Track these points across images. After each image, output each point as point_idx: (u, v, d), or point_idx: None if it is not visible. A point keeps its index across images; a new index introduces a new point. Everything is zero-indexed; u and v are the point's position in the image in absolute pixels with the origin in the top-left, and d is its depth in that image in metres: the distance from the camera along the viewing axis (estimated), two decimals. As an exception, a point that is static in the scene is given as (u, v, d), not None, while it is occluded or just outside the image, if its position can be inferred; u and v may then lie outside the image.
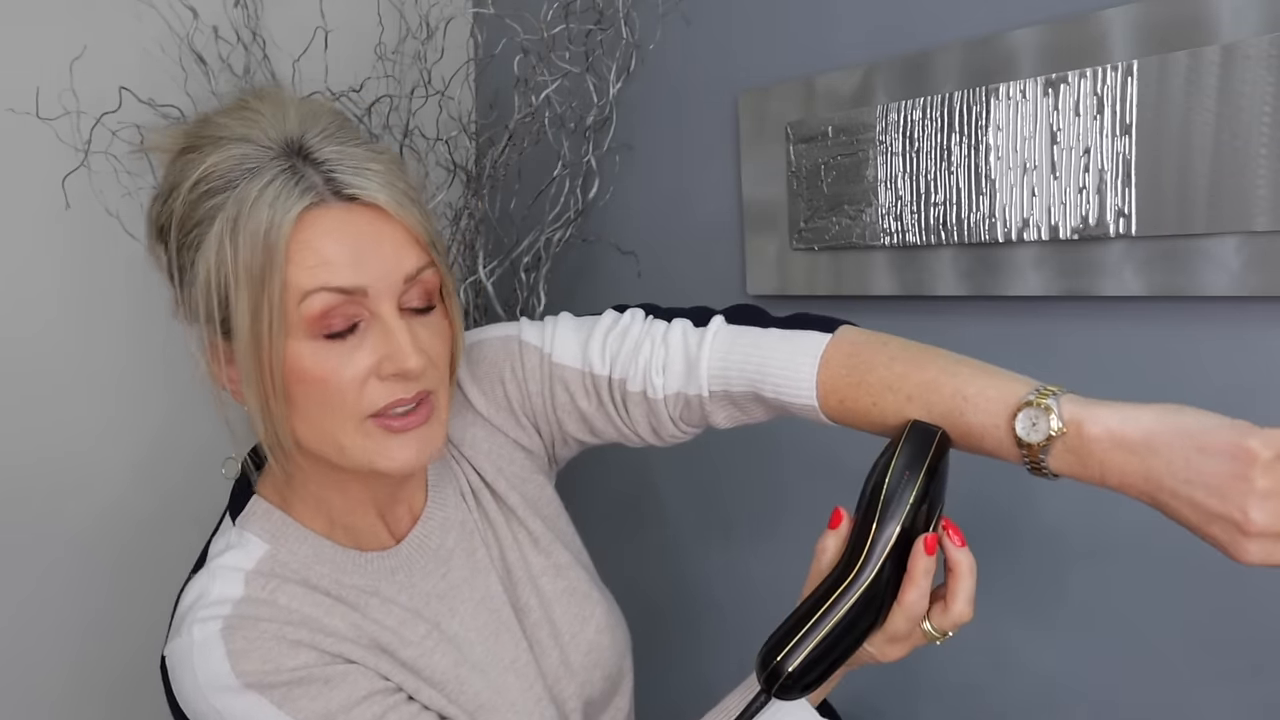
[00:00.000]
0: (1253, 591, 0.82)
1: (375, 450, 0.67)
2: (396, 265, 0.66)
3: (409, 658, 0.72)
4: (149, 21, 1.24)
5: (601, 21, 1.25)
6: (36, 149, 1.15)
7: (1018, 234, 0.89)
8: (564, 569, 0.82)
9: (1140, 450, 0.54)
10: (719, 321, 0.74)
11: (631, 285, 1.35)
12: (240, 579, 0.69)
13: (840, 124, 1.02)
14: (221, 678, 0.64)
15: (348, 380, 0.65)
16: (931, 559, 0.61)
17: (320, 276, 0.63)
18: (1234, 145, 0.75)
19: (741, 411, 0.74)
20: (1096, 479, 0.57)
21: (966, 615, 0.63)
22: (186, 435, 1.30)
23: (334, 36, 1.32)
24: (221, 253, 0.63)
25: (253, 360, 0.64)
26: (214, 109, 0.70)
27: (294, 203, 0.63)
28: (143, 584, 1.24)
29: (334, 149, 0.65)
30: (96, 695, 1.28)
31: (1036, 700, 0.98)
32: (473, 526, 0.79)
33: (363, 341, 0.65)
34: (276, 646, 0.66)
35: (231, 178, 0.64)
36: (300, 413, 0.66)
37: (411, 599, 0.75)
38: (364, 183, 0.65)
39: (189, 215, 0.65)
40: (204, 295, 0.64)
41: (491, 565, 0.79)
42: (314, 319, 0.64)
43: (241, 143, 0.65)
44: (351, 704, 0.67)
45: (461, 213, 1.37)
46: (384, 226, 0.66)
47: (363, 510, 0.75)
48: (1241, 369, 0.80)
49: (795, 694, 0.62)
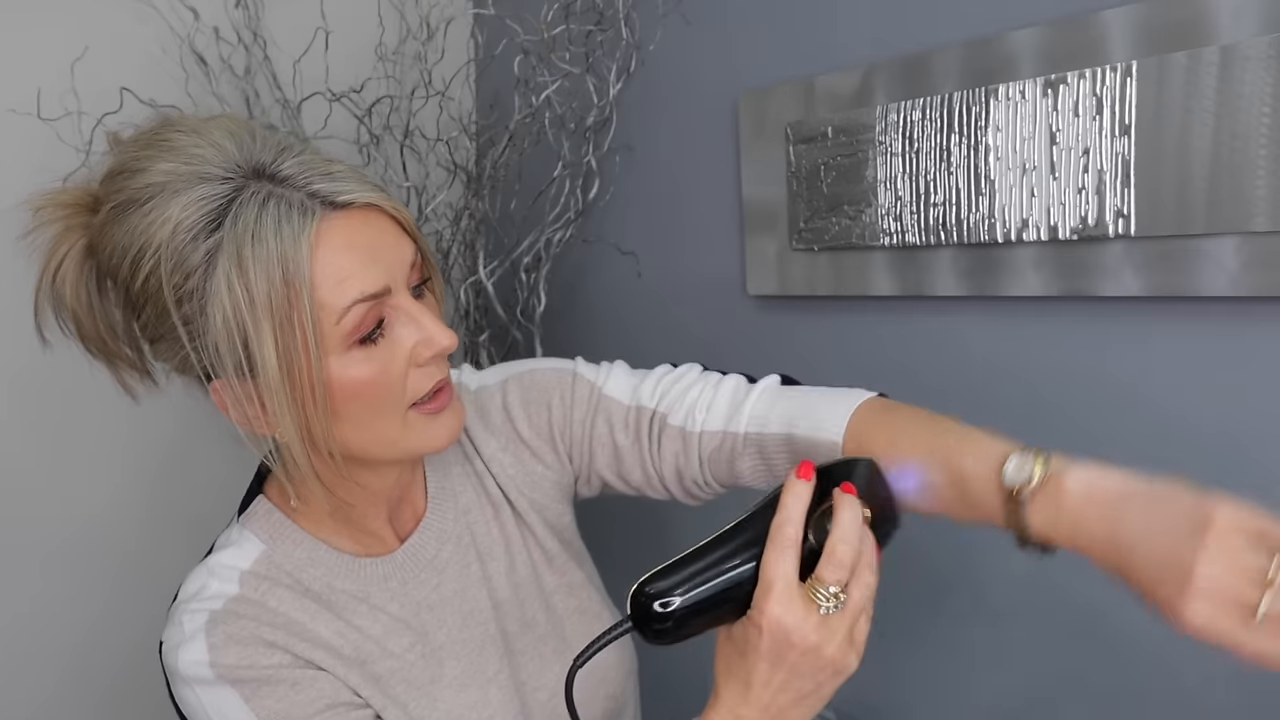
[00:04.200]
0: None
1: (421, 436, 0.69)
2: (401, 257, 0.67)
3: (384, 671, 0.73)
4: (150, 22, 1.25)
5: (602, 22, 1.25)
6: (38, 149, 1.15)
7: (1017, 234, 0.89)
8: (576, 588, 0.84)
9: (1109, 505, 0.56)
10: (772, 378, 0.78)
11: (631, 285, 1.35)
12: (236, 577, 0.71)
13: (840, 124, 1.02)
14: (199, 667, 0.66)
15: (395, 376, 0.66)
16: (796, 489, 0.61)
17: (350, 291, 0.63)
18: (1233, 146, 0.75)
19: (765, 464, 0.76)
20: (1067, 535, 0.58)
21: (843, 553, 0.59)
22: (190, 436, 1.30)
23: (334, 37, 1.32)
24: (234, 293, 0.61)
25: (286, 389, 0.63)
26: (118, 164, 0.65)
27: (299, 226, 0.62)
28: (143, 584, 1.24)
29: (292, 162, 0.64)
30: (96, 693, 1.28)
31: (1036, 700, 0.98)
32: (469, 542, 0.80)
33: (392, 337, 0.66)
34: (253, 645, 0.67)
35: (211, 217, 0.61)
36: (349, 421, 0.66)
37: (402, 608, 0.75)
38: (344, 186, 0.64)
39: (179, 267, 0.62)
40: (226, 341, 0.62)
41: (484, 581, 0.80)
42: (351, 331, 0.64)
43: (199, 183, 0.62)
44: (314, 711, 0.68)
45: (462, 213, 1.37)
46: (380, 223, 0.66)
47: (375, 510, 0.76)
48: (1241, 369, 0.81)
49: (663, 626, 0.59)
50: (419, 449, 0.71)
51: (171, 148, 0.64)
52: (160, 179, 0.63)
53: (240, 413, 0.65)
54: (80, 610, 1.26)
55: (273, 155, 0.64)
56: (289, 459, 0.68)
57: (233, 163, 0.63)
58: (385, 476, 0.74)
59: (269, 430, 0.66)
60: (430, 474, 0.81)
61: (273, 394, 0.63)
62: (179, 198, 0.62)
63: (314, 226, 0.62)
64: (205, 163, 0.63)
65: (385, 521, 0.77)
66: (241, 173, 0.63)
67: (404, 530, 0.79)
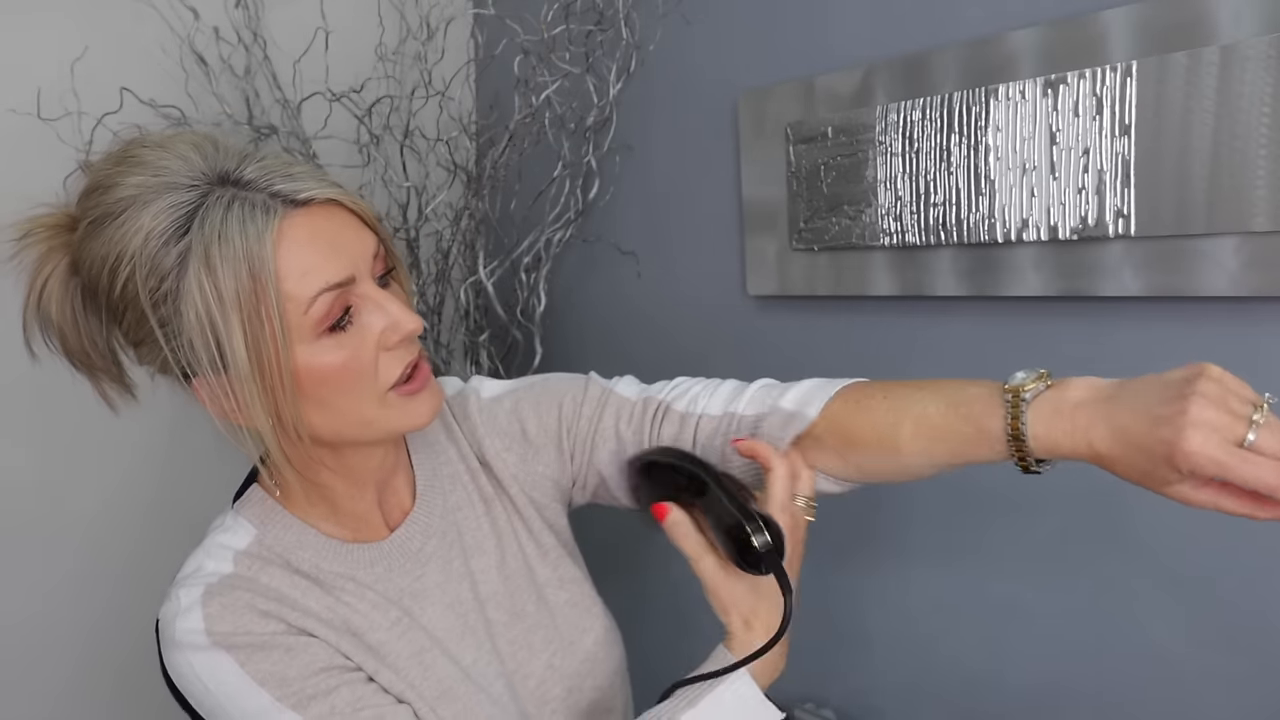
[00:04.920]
0: (1258, 592, 0.82)
1: (399, 415, 0.73)
2: (363, 247, 0.71)
3: (376, 641, 0.76)
4: (150, 22, 1.25)
5: (602, 22, 1.25)
6: (38, 149, 1.15)
7: (1017, 234, 0.89)
8: (568, 583, 0.87)
9: (1111, 393, 0.61)
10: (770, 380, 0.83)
11: (631, 285, 1.35)
12: (230, 557, 0.75)
13: (840, 124, 1.02)
14: (195, 635, 0.70)
15: (365, 362, 0.70)
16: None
17: (315, 282, 0.67)
18: (1233, 146, 0.75)
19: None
20: (1066, 430, 0.62)
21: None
22: (193, 436, 1.30)
23: (334, 37, 1.32)
24: (204, 291, 0.65)
25: (256, 380, 0.67)
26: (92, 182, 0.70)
27: (262, 225, 0.66)
28: (151, 583, 1.25)
29: (254, 167, 0.68)
30: (102, 691, 1.28)
31: (1037, 700, 0.98)
32: (454, 538, 0.84)
33: (360, 323, 0.70)
34: (248, 613, 0.71)
35: (180, 223, 0.66)
36: (319, 406, 0.70)
37: (387, 589, 0.79)
38: (304, 185, 0.68)
39: (153, 272, 0.66)
40: (200, 337, 0.66)
41: (466, 575, 0.83)
42: (320, 320, 0.68)
43: (168, 191, 0.66)
44: (308, 673, 0.71)
45: (462, 213, 1.37)
46: (341, 217, 0.70)
47: (362, 494, 0.79)
48: (1241, 369, 0.80)
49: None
50: (400, 427, 0.74)
51: (140, 162, 0.68)
52: (131, 192, 0.67)
53: (218, 407, 0.69)
54: (89, 608, 1.27)
55: (235, 162, 0.68)
56: (262, 447, 0.71)
57: (198, 171, 0.67)
58: (368, 458, 0.78)
59: (244, 420, 0.69)
60: (419, 471, 0.84)
61: (243, 384, 0.67)
62: (149, 207, 0.66)
63: (276, 224, 0.66)
64: (172, 173, 0.67)
65: (374, 505, 0.80)
66: (207, 180, 0.67)
67: (393, 520, 0.82)
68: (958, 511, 1.01)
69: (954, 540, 1.01)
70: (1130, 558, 0.89)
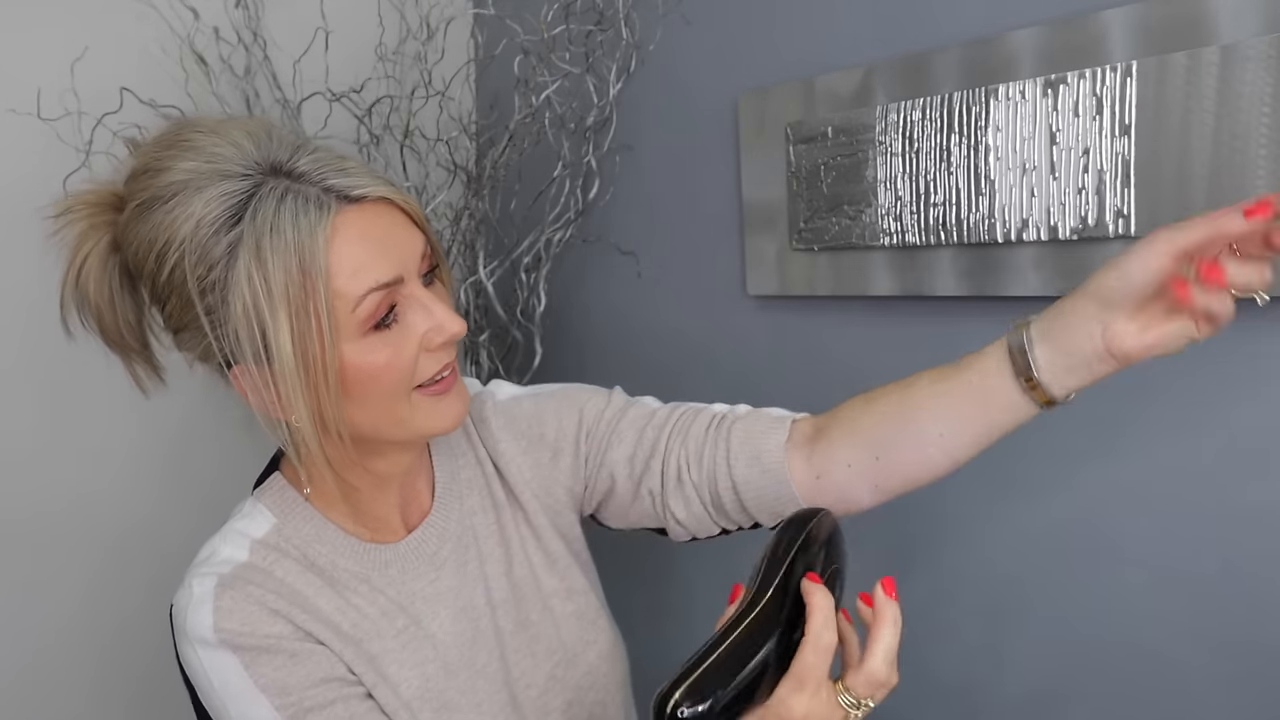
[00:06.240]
0: (1257, 592, 0.82)
1: (427, 416, 0.72)
2: (413, 247, 0.70)
3: (379, 650, 0.75)
4: (150, 22, 1.25)
5: (602, 22, 1.25)
6: (38, 149, 1.15)
7: (1017, 234, 0.89)
8: (576, 593, 0.86)
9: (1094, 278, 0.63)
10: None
11: (631, 285, 1.35)
12: (246, 545, 0.74)
13: (840, 124, 1.02)
14: (204, 630, 0.69)
15: (407, 360, 0.70)
16: (823, 589, 0.64)
17: (365, 280, 0.66)
18: (1233, 146, 0.75)
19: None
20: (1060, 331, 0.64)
21: (881, 674, 0.62)
22: (203, 438, 1.30)
23: (334, 37, 1.32)
24: (253, 283, 0.65)
25: (300, 375, 0.66)
26: (141, 164, 0.69)
27: (315, 219, 0.65)
28: (166, 587, 1.25)
29: (307, 159, 0.68)
30: (119, 694, 1.29)
31: (1037, 700, 0.98)
32: (471, 542, 0.83)
33: (405, 323, 0.70)
34: (258, 612, 0.70)
35: (232, 212, 0.65)
36: (359, 404, 0.70)
37: (399, 594, 0.78)
38: (358, 181, 0.68)
39: (202, 260, 0.65)
40: (245, 329, 0.65)
41: (481, 580, 0.82)
42: (366, 318, 0.67)
43: (220, 180, 0.66)
44: (310, 683, 0.71)
45: (462, 213, 1.37)
46: (392, 215, 0.70)
47: (385, 495, 0.79)
48: (1241, 368, 0.81)
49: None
50: (426, 430, 0.74)
51: (193, 147, 0.67)
52: (183, 177, 0.66)
53: (258, 398, 0.69)
54: (108, 612, 1.27)
55: (289, 153, 0.68)
56: (301, 443, 0.70)
57: (251, 160, 0.67)
58: (396, 462, 0.77)
59: (284, 415, 0.69)
60: (439, 474, 0.83)
61: (286, 378, 0.66)
62: (201, 194, 0.65)
63: (329, 219, 0.66)
64: (225, 161, 0.66)
65: (395, 508, 0.80)
66: (260, 169, 0.66)
67: (411, 522, 0.81)
68: (951, 517, 1.01)
69: (952, 538, 1.01)
70: (1129, 559, 0.89)
